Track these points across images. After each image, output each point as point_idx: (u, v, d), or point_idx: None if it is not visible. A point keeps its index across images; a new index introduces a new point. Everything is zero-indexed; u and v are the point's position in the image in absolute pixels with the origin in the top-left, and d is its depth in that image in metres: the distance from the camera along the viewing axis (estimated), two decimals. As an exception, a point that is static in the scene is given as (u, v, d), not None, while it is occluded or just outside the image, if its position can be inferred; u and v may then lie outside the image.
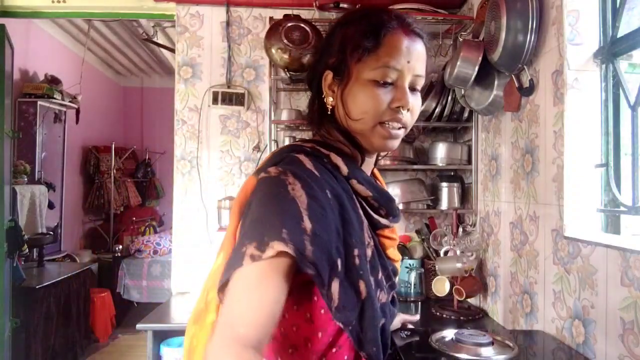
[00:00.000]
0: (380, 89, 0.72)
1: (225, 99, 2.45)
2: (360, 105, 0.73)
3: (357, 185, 0.75)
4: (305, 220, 0.61)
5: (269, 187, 0.65)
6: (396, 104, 0.72)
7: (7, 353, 2.67)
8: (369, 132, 0.74)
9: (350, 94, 0.74)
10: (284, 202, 0.62)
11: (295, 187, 0.63)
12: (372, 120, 0.73)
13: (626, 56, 1.33)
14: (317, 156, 0.73)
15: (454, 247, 2.04)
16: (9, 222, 2.68)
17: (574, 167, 1.42)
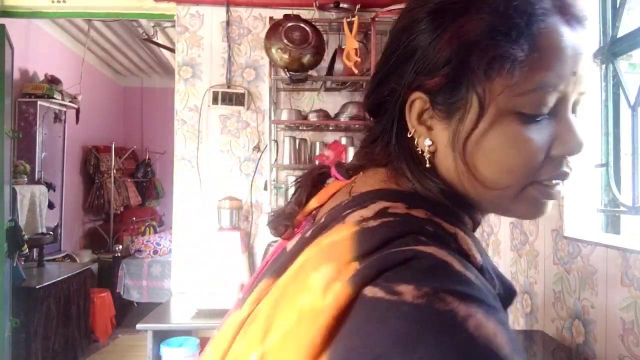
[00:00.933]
0: (534, 127, 0.42)
1: (225, 99, 2.45)
2: (501, 159, 0.43)
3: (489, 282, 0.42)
4: None
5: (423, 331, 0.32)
6: (563, 150, 0.43)
7: (7, 353, 2.67)
8: (509, 199, 0.45)
9: (480, 138, 0.43)
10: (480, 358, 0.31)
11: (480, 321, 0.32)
12: (521, 180, 0.43)
13: (626, 56, 1.33)
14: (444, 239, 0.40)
15: (454, 247, 2.04)
16: (9, 222, 2.68)
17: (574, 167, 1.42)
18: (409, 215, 0.42)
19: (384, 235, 0.39)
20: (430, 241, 0.38)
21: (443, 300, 0.32)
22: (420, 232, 0.39)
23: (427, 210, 0.43)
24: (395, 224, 0.40)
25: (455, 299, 0.33)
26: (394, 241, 0.38)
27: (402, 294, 0.33)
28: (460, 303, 0.32)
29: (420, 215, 0.42)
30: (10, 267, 2.73)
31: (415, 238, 0.38)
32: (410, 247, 0.37)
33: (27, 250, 3.13)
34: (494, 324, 0.32)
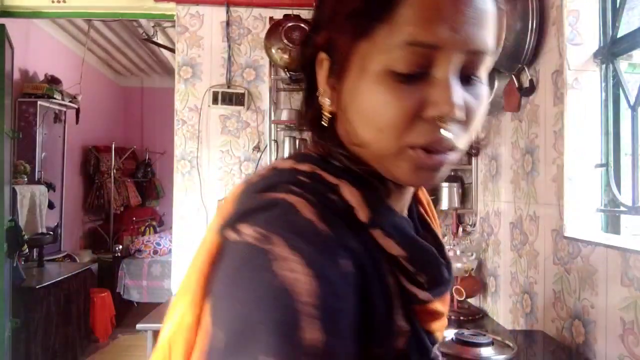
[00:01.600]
0: (402, 87, 0.40)
1: (225, 99, 2.45)
2: (369, 118, 0.42)
3: (383, 239, 0.43)
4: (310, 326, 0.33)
5: (243, 265, 0.37)
6: (432, 112, 0.40)
7: (7, 353, 2.67)
8: (389, 159, 0.43)
9: (352, 97, 0.43)
10: (268, 299, 0.34)
11: (289, 264, 0.35)
12: (392, 142, 0.42)
13: (626, 56, 1.33)
14: (319, 190, 0.42)
15: (454, 247, 2.04)
16: (9, 222, 2.68)
17: (574, 167, 1.42)
18: (291, 169, 0.44)
19: (259, 186, 0.42)
20: (299, 189, 0.40)
21: (270, 241, 0.36)
22: (292, 182, 0.42)
23: (312, 164, 0.44)
24: (271, 177, 0.44)
25: (282, 243, 0.36)
26: (266, 192, 0.41)
27: (242, 234, 0.38)
28: (282, 247, 0.35)
29: (302, 168, 0.44)
30: (10, 267, 2.73)
31: (286, 188, 0.41)
32: (269, 195, 0.40)
33: (27, 250, 3.13)
34: (305, 273, 0.34)
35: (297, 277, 0.34)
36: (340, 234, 0.39)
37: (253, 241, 0.37)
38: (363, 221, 0.42)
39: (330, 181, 0.43)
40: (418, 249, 0.46)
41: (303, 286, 0.34)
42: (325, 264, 0.36)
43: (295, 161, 0.45)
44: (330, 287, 0.34)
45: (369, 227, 0.42)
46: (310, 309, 0.33)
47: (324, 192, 0.42)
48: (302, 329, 0.32)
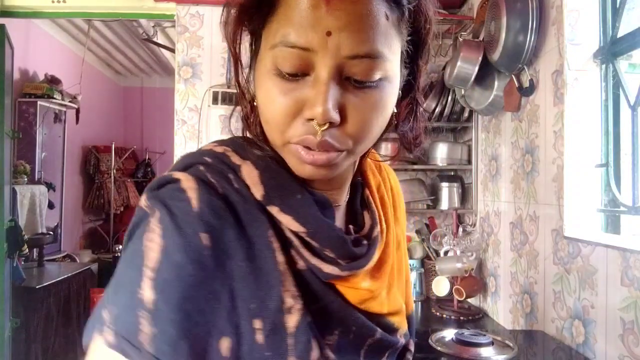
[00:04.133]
0: (286, 84, 0.43)
1: (225, 99, 2.45)
2: (261, 109, 0.46)
3: (281, 215, 0.46)
4: (146, 286, 0.39)
5: (132, 228, 0.45)
6: (307, 113, 0.42)
7: (7, 353, 2.67)
8: (280, 150, 0.48)
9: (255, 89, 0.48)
10: (130, 255, 0.43)
11: (153, 234, 0.41)
12: (277, 135, 0.45)
13: (626, 56, 1.33)
14: (219, 170, 0.47)
15: (454, 247, 2.04)
16: (9, 222, 2.68)
17: (574, 167, 1.42)
18: (206, 151, 0.50)
19: (175, 166, 0.49)
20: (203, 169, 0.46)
21: (152, 212, 0.43)
22: (199, 162, 0.47)
23: (228, 147, 0.50)
24: (186, 159, 0.49)
25: (157, 215, 0.43)
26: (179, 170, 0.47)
27: (140, 201, 0.46)
28: (155, 218, 0.43)
29: (215, 150, 0.50)
30: (10, 267, 2.73)
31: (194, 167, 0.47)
32: (171, 173, 0.47)
33: (27, 250, 3.13)
34: (157, 243, 0.41)
35: (152, 247, 0.41)
36: (209, 212, 0.43)
37: (145, 208, 0.45)
38: (259, 199, 0.46)
39: (233, 162, 0.48)
40: (318, 225, 0.47)
41: (152, 254, 0.41)
42: (174, 236, 0.41)
43: (217, 144, 0.51)
44: (168, 256, 0.41)
45: (266, 204, 0.46)
46: (151, 273, 0.40)
47: (224, 172, 0.47)
48: (141, 288, 0.40)
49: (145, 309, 0.39)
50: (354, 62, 0.41)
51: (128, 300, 0.40)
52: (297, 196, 0.47)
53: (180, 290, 0.40)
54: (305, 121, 0.43)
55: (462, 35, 2.08)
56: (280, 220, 0.46)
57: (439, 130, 2.46)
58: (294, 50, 0.41)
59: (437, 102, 2.21)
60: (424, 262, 2.31)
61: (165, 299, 0.39)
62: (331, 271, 0.47)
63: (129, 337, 0.38)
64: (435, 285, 2.06)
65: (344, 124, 0.43)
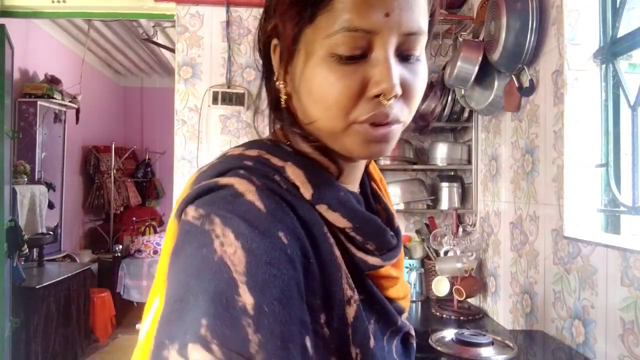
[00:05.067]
0: (345, 68, 0.44)
1: (225, 99, 2.45)
2: (317, 98, 0.46)
3: (329, 213, 0.47)
4: (244, 292, 0.37)
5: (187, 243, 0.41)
6: (374, 90, 0.44)
7: (7, 353, 2.67)
8: (339, 135, 0.47)
9: (302, 80, 0.47)
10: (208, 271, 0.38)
11: (226, 240, 0.39)
12: (341, 119, 0.46)
13: (626, 56, 1.33)
14: (264, 173, 0.46)
15: (454, 247, 2.04)
16: (9, 222, 2.68)
17: (574, 167, 1.42)
18: (239, 155, 0.49)
19: (207, 174, 0.47)
20: (247, 173, 0.45)
21: (211, 221, 0.41)
22: (239, 167, 0.46)
23: (261, 150, 0.49)
24: (219, 165, 0.48)
25: (220, 221, 0.40)
26: (215, 177, 0.45)
27: (187, 214, 0.43)
28: (222, 225, 0.40)
29: (250, 154, 0.49)
30: (10, 267, 2.73)
31: (234, 172, 0.46)
32: (214, 180, 0.45)
33: (27, 250, 3.13)
34: (240, 245, 0.39)
35: (230, 251, 0.39)
36: (278, 211, 0.43)
37: (194, 221, 0.42)
38: (308, 199, 0.47)
39: (275, 164, 0.48)
40: (363, 219, 0.50)
41: (236, 260, 0.38)
42: (255, 238, 0.40)
43: (244, 148, 0.51)
44: (258, 257, 0.39)
45: (314, 204, 0.47)
46: (244, 277, 0.37)
47: (268, 174, 0.46)
48: (237, 294, 0.37)
49: (248, 316, 0.36)
50: (408, 39, 0.45)
51: (226, 311, 0.36)
52: (340, 193, 0.49)
53: (279, 290, 0.38)
54: (371, 99, 0.44)
55: (462, 35, 2.08)
56: (328, 218, 0.47)
57: (439, 130, 2.46)
58: (357, 34, 0.43)
59: (437, 102, 2.21)
60: (424, 262, 2.31)
61: (266, 301, 0.37)
62: (374, 262, 0.50)
63: (241, 350, 0.35)
64: (435, 285, 2.06)
65: (402, 96, 0.46)
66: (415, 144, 2.50)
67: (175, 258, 0.42)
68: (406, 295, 0.60)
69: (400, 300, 0.58)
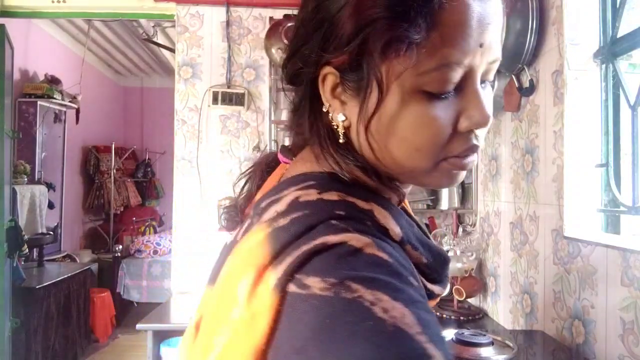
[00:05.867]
0: (438, 105, 0.41)
1: (225, 99, 2.45)
2: (406, 138, 0.42)
3: (412, 252, 0.44)
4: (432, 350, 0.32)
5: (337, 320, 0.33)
6: (468, 124, 0.41)
7: (7, 353, 2.67)
8: (424, 173, 0.45)
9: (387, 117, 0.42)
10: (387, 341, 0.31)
11: (385, 304, 0.33)
12: (431, 159, 0.43)
13: (626, 56, 1.33)
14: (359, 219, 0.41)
15: (454, 247, 2.04)
16: (9, 222, 2.68)
17: (574, 167, 1.42)
18: (320, 201, 0.41)
19: (294, 231, 0.38)
20: (343, 224, 0.38)
21: (349, 288, 0.33)
22: (331, 217, 0.39)
23: (339, 192, 0.42)
24: (305, 217, 0.39)
25: (362, 286, 0.33)
26: (304, 234, 0.38)
27: (310, 287, 0.34)
28: (366, 289, 0.33)
29: (332, 198, 0.41)
30: (10, 267, 2.73)
31: (327, 225, 0.38)
32: (319, 240, 0.37)
33: (27, 250, 3.13)
34: (402, 304, 0.33)
35: (397, 314, 0.33)
36: (399, 257, 0.39)
37: (326, 292, 0.34)
38: (397, 240, 0.42)
39: (362, 207, 0.42)
40: (434, 253, 0.47)
41: (407, 320, 0.33)
42: (405, 290, 0.35)
43: (318, 190, 0.42)
44: (419, 309, 0.34)
45: (401, 245, 0.43)
46: (422, 336, 0.32)
47: (363, 220, 0.40)
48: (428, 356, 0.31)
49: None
50: (491, 66, 0.43)
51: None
52: (415, 229, 0.47)
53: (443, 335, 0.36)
54: (462, 134, 0.42)
55: (462, 35, 2.08)
56: (412, 256, 0.44)
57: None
58: (457, 67, 0.39)
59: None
60: (424, 262, 2.30)
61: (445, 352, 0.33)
62: (439, 291, 0.49)
63: None
64: (435, 285, 2.06)
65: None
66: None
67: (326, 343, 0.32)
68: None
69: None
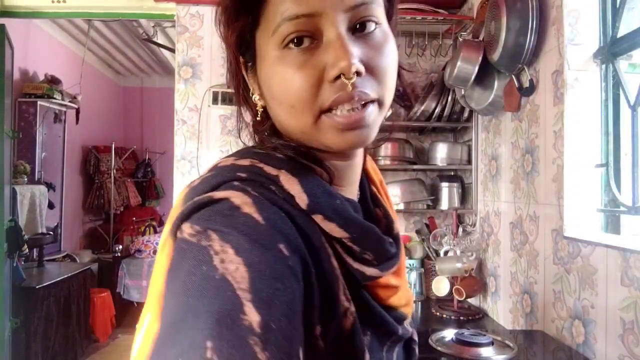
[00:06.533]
0: (299, 58, 0.43)
1: (225, 99, 2.45)
2: (280, 98, 0.45)
3: (325, 223, 0.45)
4: (249, 310, 0.35)
5: (184, 262, 0.39)
6: (332, 72, 0.42)
7: (7, 353, 2.67)
8: (312, 131, 0.45)
9: (264, 85, 0.47)
10: (209, 290, 0.36)
11: (226, 256, 0.37)
12: (306, 113, 0.44)
13: (626, 56, 1.33)
14: (259, 183, 0.44)
15: (454, 247, 2.04)
16: (9, 222, 2.68)
17: (574, 167, 1.42)
18: (231, 165, 0.47)
19: (201, 189, 0.44)
20: (242, 185, 0.43)
21: (208, 237, 0.38)
22: (234, 179, 0.44)
23: (253, 159, 0.47)
24: (212, 177, 0.45)
25: (217, 237, 0.38)
26: (209, 192, 0.43)
27: (183, 232, 0.41)
28: (219, 240, 0.38)
29: (243, 164, 0.46)
30: (10, 267, 2.73)
31: (228, 185, 0.43)
32: (208, 194, 0.42)
33: (27, 250, 3.13)
34: (242, 261, 0.37)
35: (231, 268, 0.36)
36: (277, 222, 0.41)
37: (191, 238, 0.39)
38: (304, 208, 0.44)
39: (269, 173, 0.45)
40: (361, 229, 0.47)
41: (239, 276, 0.36)
42: (257, 252, 0.38)
43: (236, 157, 0.48)
44: (261, 272, 0.36)
45: (310, 212, 0.44)
46: (246, 294, 0.35)
47: (264, 184, 0.44)
48: (242, 312, 0.34)
49: (255, 335, 0.34)
50: (357, 11, 0.43)
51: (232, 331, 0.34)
52: (336, 201, 0.47)
53: (285, 305, 0.37)
54: (332, 83, 0.42)
55: (462, 35, 2.08)
56: (324, 228, 0.45)
57: (439, 130, 2.46)
58: (299, 21, 0.42)
59: (437, 102, 2.21)
60: (424, 262, 2.31)
61: (273, 317, 0.35)
62: (372, 273, 0.48)
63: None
64: (435, 285, 2.06)
65: (367, 73, 0.43)
66: (415, 144, 2.50)
67: (173, 278, 0.39)
68: (409, 302, 0.57)
69: (401, 307, 0.55)
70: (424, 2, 2.25)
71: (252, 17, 0.45)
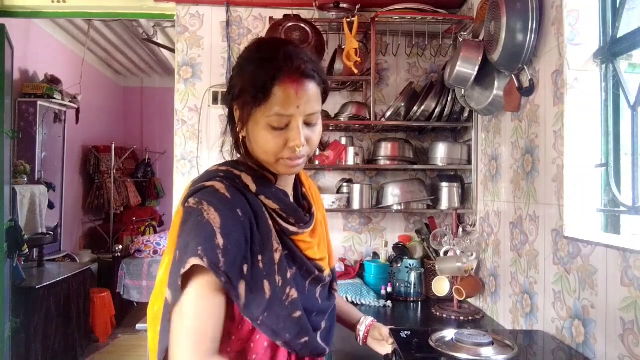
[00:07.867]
0: (276, 132, 0.83)
1: (225, 99, 2.45)
2: (261, 146, 0.85)
3: (266, 200, 0.87)
4: (219, 237, 0.75)
5: (189, 216, 0.79)
6: (291, 144, 0.83)
7: (7, 353, 2.67)
8: (273, 165, 0.87)
9: (252, 134, 0.85)
10: (201, 226, 0.77)
11: (210, 212, 0.78)
12: (273, 157, 0.85)
13: (626, 56, 1.33)
14: (231, 178, 0.86)
15: (454, 247, 2.04)
16: (9, 222, 2.68)
17: (574, 167, 1.42)
18: (216, 169, 0.90)
19: (198, 180, 0.88)
20: (216, 180, 0.85)
21: (201, 204, 0.79)
22: (217, 176, 0.87)
23: (229, 167, 0.90)
24: (205, 175, 0.89)
25: (206, 203, 0.79)
26: (203, 181, 0.85)
27: (189, 202, 0.82)
28: (207, 205, 0.79)
29: (222, 168, 0.90)
30: (10, 267, 2.73)
31: (214, 178, 0.86)
32: (202, 183, 0.85)
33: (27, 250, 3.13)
34: (217, 214, 0.78)
35: (214, 218, 0.78)
36: (237, 199, 0.83)
37: (193, 205, 0.81)
38: (253, 192, 0.87)
39: (235, 173, 0.88)
40: (286, 204, 0.90)
41: (216, 221, 0.77)
42: (225, 211, 0.79)
43: (219, 165, 0.92)
44: (227, 220, 0.78)
45: (257, 195, 0.87)
46: (218, 229, 0.77)
47: (233, 179, 0.87)
48: (215, 237, 0.76)
49: (220, 249, 0.75)
50: (309, 117, 0.84)
51: (209, 246, 0.75)
52: (273, 189, 0.90)
53: (236, 238, 0.78)
54: (289, 148, 0.84)
55: (462, 35, 2.08)
56: (265, 203, 0.87)
57: (439, 130, 2.46)
58: (283, 117, 0.82)
59: (437, 102, 2.21)
60: (424, 262, 2.31)
61: (229, 243, 0.76)
62: (293, 230, 0.91)
63: (215, 264, 0.74)
64: (435, 285, 2.06)
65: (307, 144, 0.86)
66: (415, 144, 2.50)
67: (183, 226, 0.80)
68: (323, 257, 0.97)
69: (318, 260, 0.95)
70: (424, 2, 2.25)
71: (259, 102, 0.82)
